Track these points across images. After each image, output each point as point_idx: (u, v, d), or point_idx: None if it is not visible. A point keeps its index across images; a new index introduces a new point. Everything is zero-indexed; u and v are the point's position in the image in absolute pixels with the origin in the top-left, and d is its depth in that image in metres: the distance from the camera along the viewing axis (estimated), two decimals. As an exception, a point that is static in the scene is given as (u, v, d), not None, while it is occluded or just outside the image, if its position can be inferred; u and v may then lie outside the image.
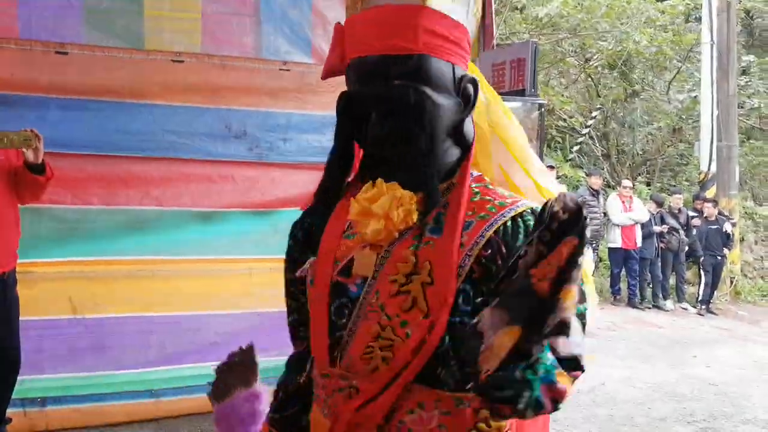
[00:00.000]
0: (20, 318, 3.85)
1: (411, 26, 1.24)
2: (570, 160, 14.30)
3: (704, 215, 10.48)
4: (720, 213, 10.61)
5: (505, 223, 1.26)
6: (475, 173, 1.37)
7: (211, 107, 4.50)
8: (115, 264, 4.37)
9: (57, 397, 4.23)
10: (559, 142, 14.48)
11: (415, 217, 1.27)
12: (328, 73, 1.40)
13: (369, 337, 1.26)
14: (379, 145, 1.28)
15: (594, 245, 10.24)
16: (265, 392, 1.61)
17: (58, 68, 4.14)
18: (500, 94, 4.53)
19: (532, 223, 1.24)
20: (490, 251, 1.25)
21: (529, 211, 1.28)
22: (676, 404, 5.54)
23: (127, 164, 4.37)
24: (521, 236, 1.24)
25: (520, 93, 4.47)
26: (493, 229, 1.26)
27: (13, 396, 3.91)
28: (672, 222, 10.34)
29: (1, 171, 3.68)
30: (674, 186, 15.14)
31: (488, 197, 1.31)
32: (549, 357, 1.09)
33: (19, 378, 3.87)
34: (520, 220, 1.26)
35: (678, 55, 14.83)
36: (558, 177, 10.27)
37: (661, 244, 10.34)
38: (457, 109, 1.30)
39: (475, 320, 1.06)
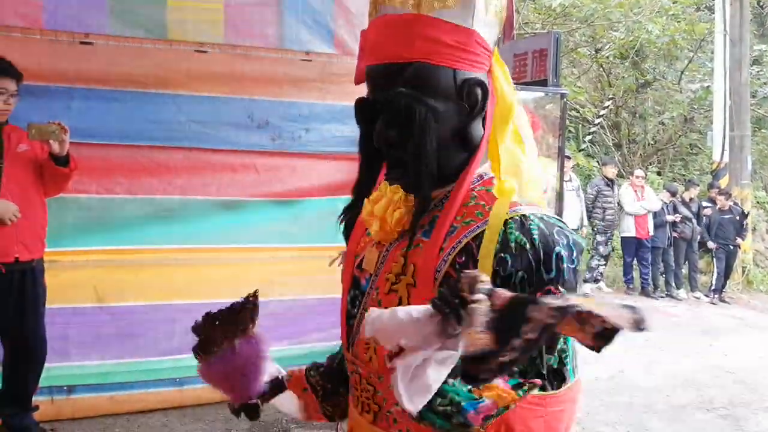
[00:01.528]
0: (46, 306, 3.91)
1: (407, 35, 1.26)
2: (582, 149, 14.28)
3: (717, 206, 10.47)
4: (734, 203, 10.59)
5: (484, 230, 1.22)
6: (488, 176, 1.34)
7: (234, 97, 4.52)
8: (140, 253, 4.41)
9: (83, 385, 4.28)
10: (571, 132, 14.45)
11: (407, 219, 1.30)
12: (358, 80, 1.45)
13: None
14: (383, 149, 1.32)
15: (608, 235, 10.25)
16: (265, 337, 1.46)
17: (83, 58, 4.17)
18: (522, 84, 4.56)
19: (514, 234, 1.20)
20: (464, 257, 1.22)
21: (518, 219, 1.22)
22: (695, 392, 5.56)
23: (151, 153, 4.39)
24: (497, 245, 1.19)
25: (542, 83, 4.47)
26: (473, 234, 1.23)
27: (40, 384, 3.96)
28: (684, 211, 10.33)
29: (28, 161, 3.73)
30: (684, 175, 15.12)
31: (482, 202, 1.28)
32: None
33: (45, 366, 3.93)
34: (502, 227, 1.21)
35: (690, 45, 14.76)
36: (572, 167, 10.26)
37: (675, 234, 10.33)
38: (459, 113, 1.29)
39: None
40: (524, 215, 1.22)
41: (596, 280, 10.35)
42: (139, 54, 4.28)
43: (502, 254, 1.18)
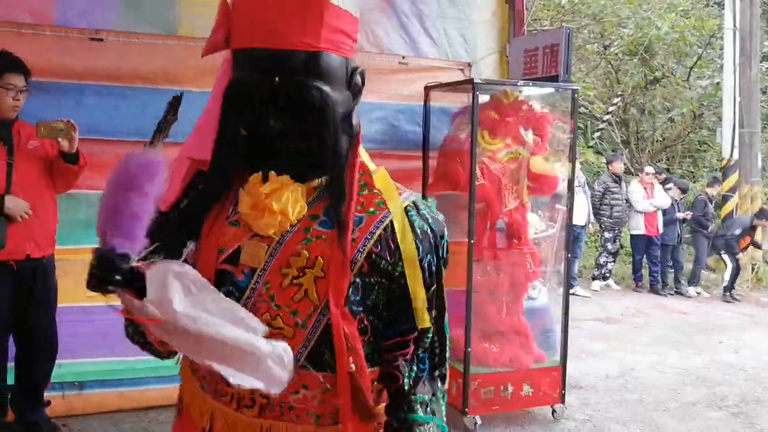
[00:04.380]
0: (58, 305, 3.91)
1: (315, 22, 1.26)
2: (591, 146, 14.22)
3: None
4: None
5: (392, 220, 1.32)
6: (360, 160, 1.39)
7: (243, 93, 4.50)
8: (150, 250, 4.40)
9: (93, 381, 4.30)
10: (580, 128, 14.39)
11: (305, 211, 1.32)
12: (211, 51, 1.43)
13: None
14: (277, 137, 1.28)
15: (616, 232, 10.19)
16: (159, 157, 1.40)
17: (93, 55, 4.17)
18: (533, 80, 4.54)
19: (417, 221, 1.34)
20: (379, 247, 1.31)
21: (411, 206, 1.36)
22: (706, 389, 5.54)
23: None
24: (408, 234, 1.33)
25: (553, 79, 4.45)
26: (383, 225, 1.32)
27: (52, 380, 3.97)
28: (710, 209, 10.27)
29: (39, 158, 3.73)
30: (693, 172, 15.04)
31: (375, 190, 1.36)
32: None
33: (57, 362, 3.94)
34: (405, 217, 1.34)
35: (699, 41, 14.67)
36: (581, 163, 10.19)
37: (702, 230, 10.28)
38: (347, 100, 1.33)
39: None
40: (414, 202, 1.37)
41: (605, 278, 10.30)
42: (150, 50, 4.29)
43: (416, 241, 1.33)
